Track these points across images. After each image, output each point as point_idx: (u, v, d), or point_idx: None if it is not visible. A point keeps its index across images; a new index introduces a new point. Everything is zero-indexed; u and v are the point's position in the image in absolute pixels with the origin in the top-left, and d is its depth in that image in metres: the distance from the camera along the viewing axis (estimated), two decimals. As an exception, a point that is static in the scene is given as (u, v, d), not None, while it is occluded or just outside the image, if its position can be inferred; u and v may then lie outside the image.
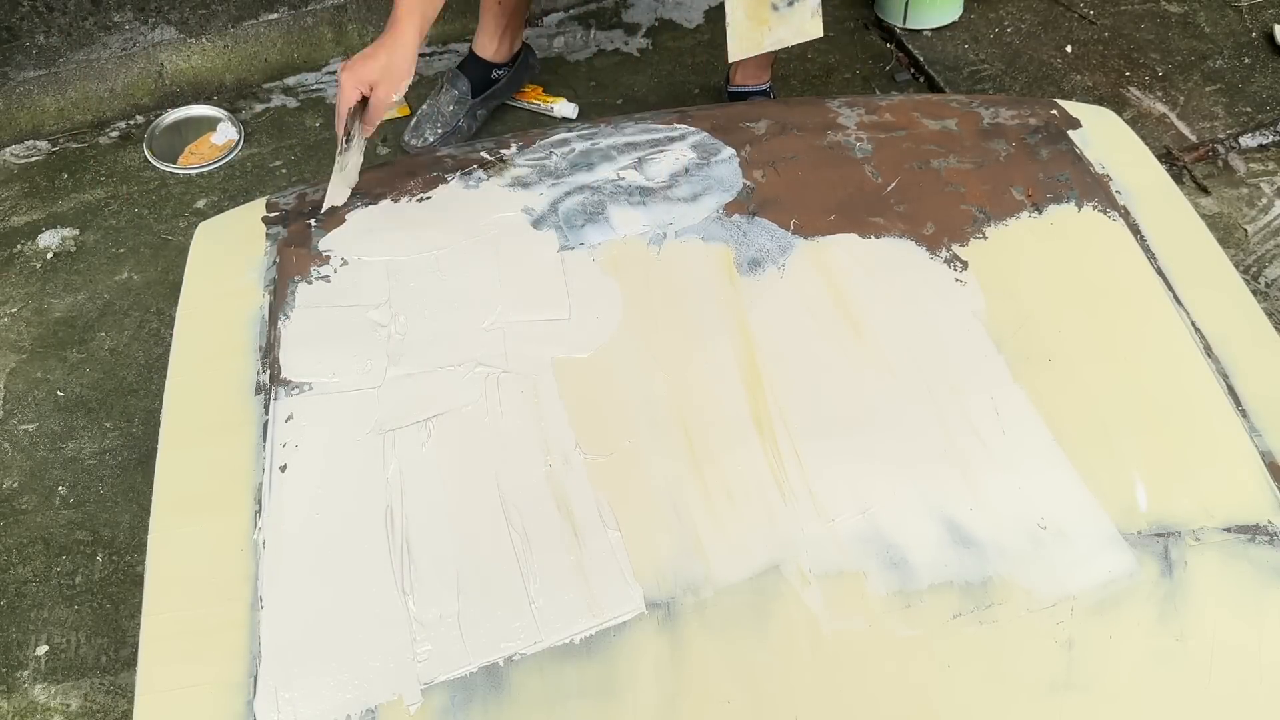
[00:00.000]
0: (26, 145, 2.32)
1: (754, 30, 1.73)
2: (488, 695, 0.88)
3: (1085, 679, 0.88)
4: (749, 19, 1.72)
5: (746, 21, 1.72)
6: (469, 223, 1.23)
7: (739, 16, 1.71)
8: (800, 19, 1.74)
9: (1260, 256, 2.02)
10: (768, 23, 1.73)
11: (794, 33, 1.75)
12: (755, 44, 1.75)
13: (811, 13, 1.74)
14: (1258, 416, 1.04)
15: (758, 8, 1.71)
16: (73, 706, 1.50)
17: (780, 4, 1.73)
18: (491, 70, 2.25)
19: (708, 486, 0.98)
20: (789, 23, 1.74)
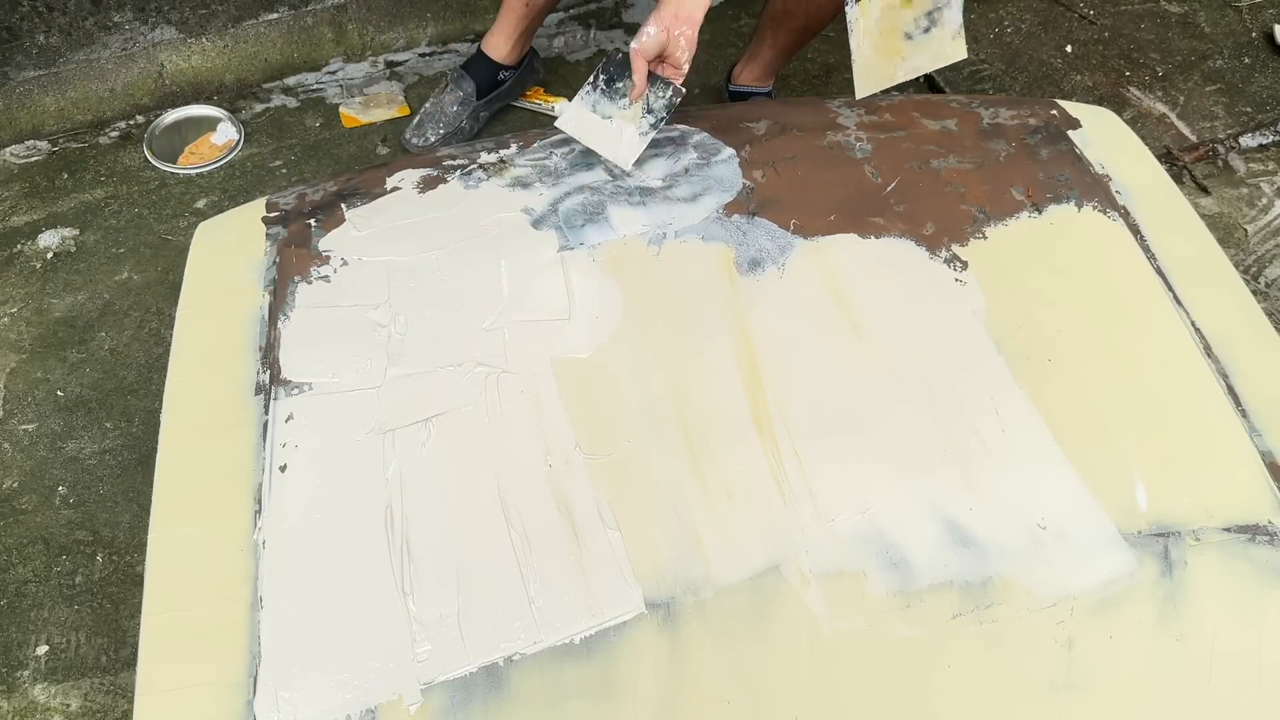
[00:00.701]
0: (26, 145, 2.31)
1: (885, 64, 1.56)
2: (488, 695, 0.88)
3: (1085, 679, 0.88)
4: (878, 53, 1.55)
5: (875, 56, 1.55)
6: (469, 223, 1.23)
7: (866, 52, 1.55)
8: (939, 44, 1.56)
9: (1260, 256, 2.02)
10: (901, 53, 1.56)
11: (932, 59, 1.57)
12: (887, 77, 1.56)
13: (953, 35, 1.56)
14: (1258, 416, 1.04)
15: (889, 39, 1.55)
16: (73, 706, 1.50)
17: (915, 32, 1.55)
18: (499, 72, 2.24)
19: (708, 486, 0.98)
20: (926, 50, 1.56)
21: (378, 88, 2.42)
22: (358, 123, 2.33)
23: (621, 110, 1.31)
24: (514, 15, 2.17)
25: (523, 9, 2.15)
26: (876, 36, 1.54)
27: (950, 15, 1.52)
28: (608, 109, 1.32)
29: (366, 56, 2.49)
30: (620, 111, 1.31)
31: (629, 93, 1.33)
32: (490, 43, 2.22)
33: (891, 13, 1.51)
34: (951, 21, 1.54)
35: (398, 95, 2.39)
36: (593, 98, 1.33)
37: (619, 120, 1.30)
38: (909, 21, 1.52)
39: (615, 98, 1.32)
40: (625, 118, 1.30)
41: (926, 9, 1.51)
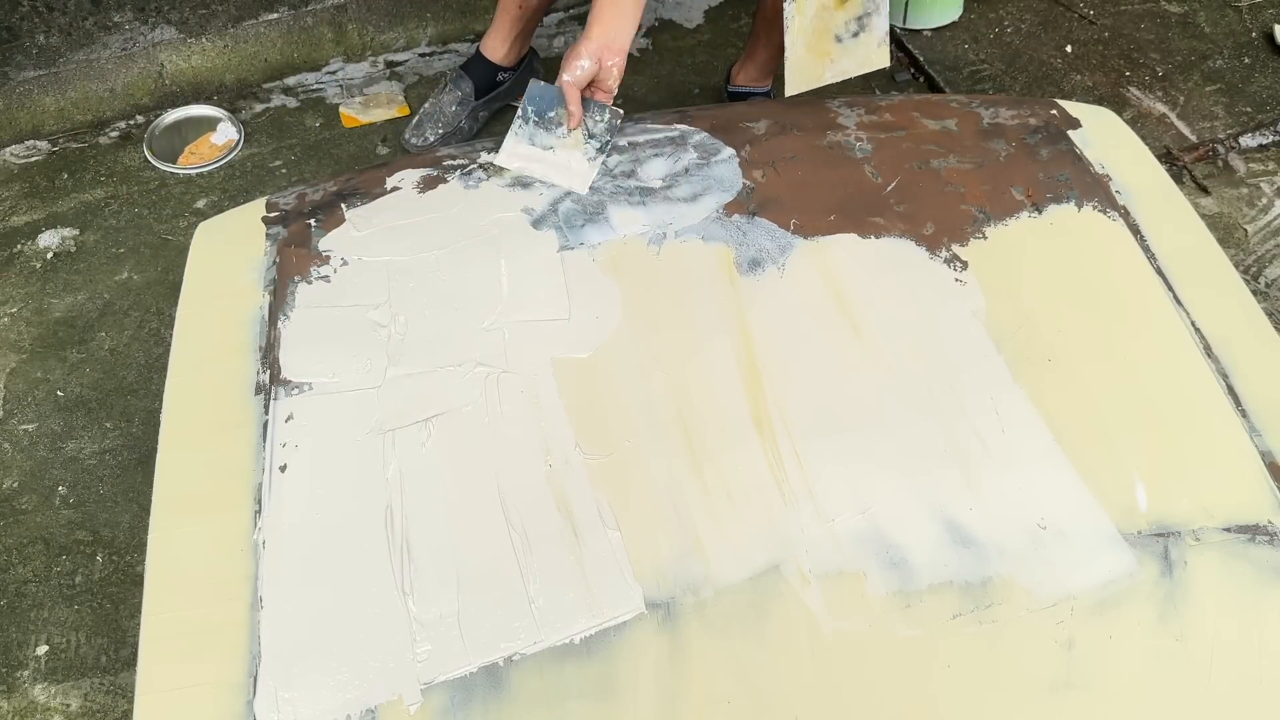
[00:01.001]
0: (26, 145, 2.32)
1: (815, 63, 1.61)
2: (488, 695, 0.88)
3: (1085, 679, 0.88)
4: (809, 52, 1.60)
5: (807, 55, 1.60)
6: (469, 223, 1.23)
7: (799, 51, 1.59)
8: (866, 49, 1.61)
9: (1260, 256, 2.02)
10: (830, 55, 1.61)
11: (858, 64, 1.62)
12: (816, 76, 1.62)
13: (878, 42, 1.61)
14: (1258, 416, 1.04)
15: (821, 40, 1.59)
16: (73, 706, 1.50)
17: (845, 35, 1.60)
18: (497, 73, 2.25)
19: (708, 486, 0.98)
20: (853, 54, 1.61)
21: (378, 88, 2.42)
22: (358, 123, 2.33)
23: (561, 139, 1.30)
24: (508, 18, 2.18)
25: (516, 11, 2.15)
26: (809, 36, 1.57)
27: (877, 22, 1.56)
28: (546, 140, 1.31)
29: (366, 56, 2.49)
30: (560, 140, 1.30)
31: (564, 121, 1.32)
32: (488, 45, 2.22)
33: (825, 13, 1.54)
34: (878, 29, 1.57)
35: (398, 95, 2.40)
36: (527, 130, 1.32)
37: (561, 149, 1.29)
38: (840, 24, 1.56)
39: (551, 128, 1.31)
40: (567, 145, 1.30)
41: (857, 13, 1.55)
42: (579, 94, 1.33)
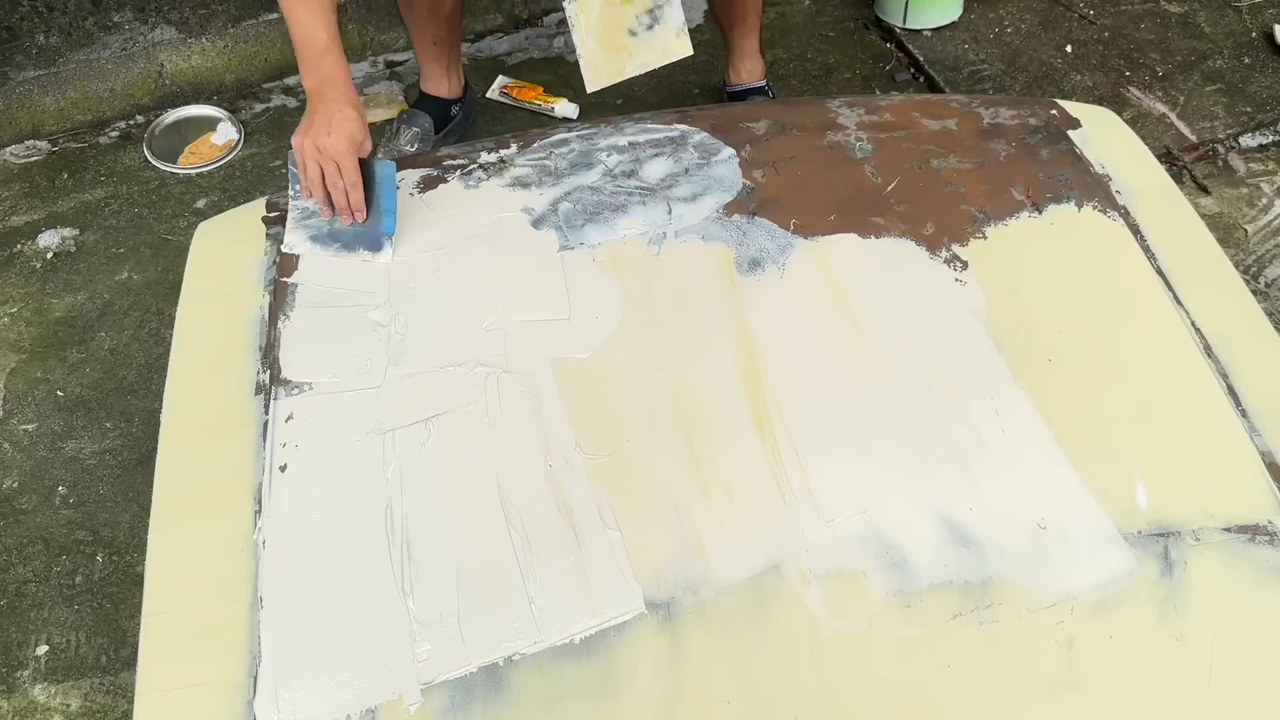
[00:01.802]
0: (26, 145, 2.32)
1: (611, 59, 1.61)
2: (488, 695, 0.88)
3: (1085, 679, 0.88)
4: (603, 49, 1.59)
5: (601, 52, 1.60)
6: (469, 223, 1.23)
7: (591, 48, 1.59)
8: (664, 40, 1.61)
9: (1260, 256, 2.02)
10: (626, 48, 1.60)
11: (659, 55, 1.61)
12: (615, 71, 1.62)
13: (676, 32, 1.60)
14: (1258, 416, 1.04)
15: (613, 36, 1.58)
16: (73, 706, 1.50)
17: (639, 28, 1.59)
18: (450, 107, 2.21)
19: (708, 486, 0.98)
20: (652, 46, 1.61)
21: (378, 88, 2.42)
22: (358, 123, 2.33)
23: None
24: (430, 57, 2.14)
25: (433, 48, 2.11)
26: (600, 33, 1.58)
27: (671, 13, 1.57)
28: (327, 212, 1.24)
29: (366, 56, 2.49)
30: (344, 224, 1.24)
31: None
32: (429, 84, 2.19)
33: (612, 10, 1.55)
34: (673, 19, 1.58)
35: (398, 95, 2.39)
36: (304, 213, 1.24)
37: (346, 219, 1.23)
38: (630, 18, 1.56)
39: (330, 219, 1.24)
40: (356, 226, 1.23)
41: (647, 6, 1.56)
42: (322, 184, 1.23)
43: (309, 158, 1.22)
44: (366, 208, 1.22)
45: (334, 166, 1.22)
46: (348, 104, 1.26)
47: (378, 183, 1.23)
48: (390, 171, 1.23)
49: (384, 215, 1.21)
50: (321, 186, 1.23)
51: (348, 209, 1.22)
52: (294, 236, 1.22)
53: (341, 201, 1.22)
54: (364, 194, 1.23)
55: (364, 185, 1.23)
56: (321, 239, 1.21)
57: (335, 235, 1.21)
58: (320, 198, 1.23)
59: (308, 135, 1.23)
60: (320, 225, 1.22)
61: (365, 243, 1.20)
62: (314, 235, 1.22)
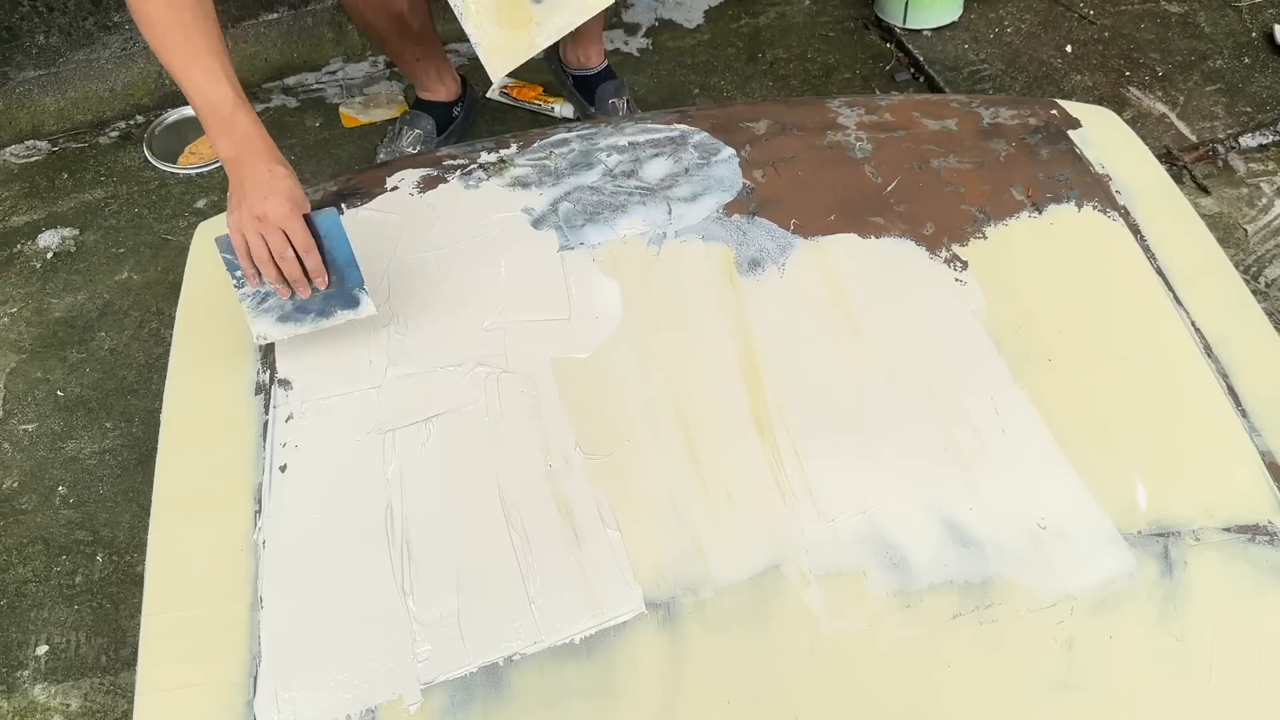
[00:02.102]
0: (26, 145, 2.32)
1: (516, 36, 1.37)
2: (488, 695, 0.88)
3: (1085, 679, 0.88)
4: (504, 27, 1.37)
5: (502, 31, 1.37)
6: (469, 223, 1.23)
7: (490, 30, 1.37)
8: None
9: (1260, 256, 2.02)
10: (532, 18, 1.38)
11: (574, 13, 1.38)
12: (524, 47, 1.38)
13: None
14: (1258, 416, 1.04)
15: (513, 10, 1.37)
16: (73, 706, 1.50)
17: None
18: (451, 109, 2.19)
19: (708, 486, 0.98)
20: (565, 6, 1.37)
21: (378, 88, 2.42)
22: (358, 123, 2.33)
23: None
24: (416, 70, 2.10)
25: (417, 64, 2.08)
26: (497, 11, 1.37)
27: None
28: (285, 290, 1.10)
29: (366, 56, 2.49)
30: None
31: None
32: (426, 91, 2.16)
33: None
34: None
35: (398, 95, 2.39)
36: (257, 297, 1.09)
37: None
38: None
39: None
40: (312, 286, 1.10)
41: None
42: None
43: (249, 232, 1.06)
44: (326, 269, 1.08)
45: (279, 235, 1.05)
46: (274, 161, 1.10)
47: (326, 237, 1.08)
48: (335, 219, 1.08)
49: (346, 269, 1.07)
50: (271, 263, 1.06)
51: (304, 279, 1.07)
52: (260, 325, 1.07)
53: (296, 272, 1.06)
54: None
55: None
56: (291, 317, 1.07)
57: (304, 307, 1.07)
58: (273, 276, 1.06)
59: (240, 209, 1.07)
60: (283, 302, 1.08)
61: (340, 303, 1.08)
62: (281, 316, 1.07)
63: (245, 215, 1.05)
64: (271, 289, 1.05)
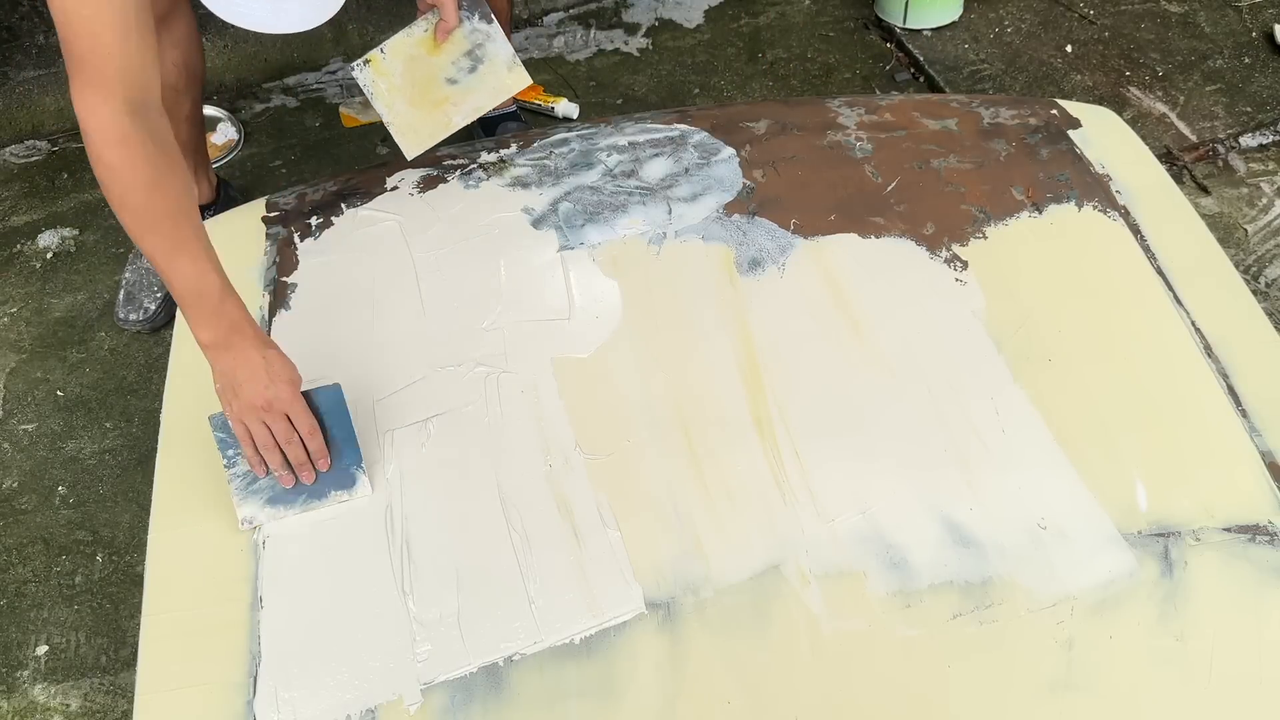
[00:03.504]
0: (26, 145, 2.31)
1: (432, 115, 1.36)
2: (488, 695, 0.88)
3: (1085, 679, 0.88)
4: (418, 106, 1.36)
5: (416, 111, 1.36)
6: (469, 223, 1.23)
7: (402, 110, 1.35)
8: (495, 78, 1.36)
9: (1260, 256, 2.02)
10: (449, 99, 1.37)
11: (491, 94, 1.38)
12: (441, 126, 1.37)
13: (508, 66, 1.37)
14: (1258, 416, 1.04)
15: (427, 90, 1.36)
16: (73, 706, 1.50)
17: (459, 74, 1.36)
18: (202, 213, 2.00)
19: (708, 486, 0.98)
20: (481, 87, 1.37)
21: (378, 88, 2.42)
22: (358, 123, 2.33)
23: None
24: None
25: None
26: (410, 91, 1.37)
27: (495, 48, 1.36)
28: (289, 479, 1.03)
29: (366, 56, 2.49)
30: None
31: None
32: None
33: (418, 65, 1.36)
34: (501, 54, 1.37)
35: (398, 95, 2.39)
36: (246, 479, 1.02)
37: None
38: (446, 66, 1.36)
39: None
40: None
41: (465, 49, 1.36)
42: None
43: (252, 421, 1.00)
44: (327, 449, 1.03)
45: (284, 421, 1.00)
46: (266, 346, 1.03)
47: (326, 415, 1.04)
48: (338, 395, 1.04)
49: (344, 446, 1.02)
50: (276, 449, 1.01)
51: (308, 461, 1.01)
52: (248, 509, 1.01)
53: (301, 456, 1.01)
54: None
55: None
56: (282, 498, 1.02)
57: (296, 489, 1.02)
58: (277, 462, 1.01)
59: (240, 397, 1.01)
60: (274, 484, 1.02)
61: (334, 483, 1.02)
62: (271, 498, 1.02)
63: (245, 405, 1.00)
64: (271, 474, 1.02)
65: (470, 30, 1.34)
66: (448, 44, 1.35)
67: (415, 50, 1.34)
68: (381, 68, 1.35)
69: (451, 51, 1.35)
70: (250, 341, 1.02)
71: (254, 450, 1.01)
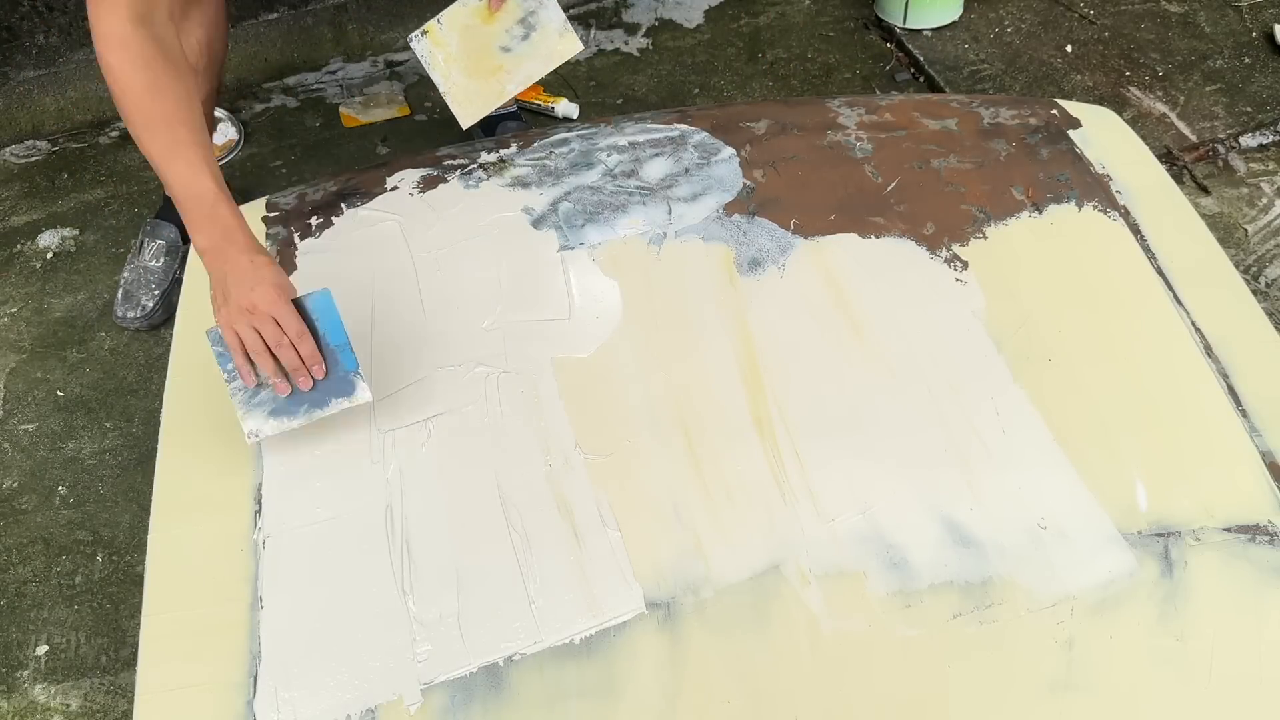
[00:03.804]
0: (26, 145, 2.32)
1: (487, 84, 1.41)
2: (488, 695, 0.88)
3: (1085, 679, 0.88)
4: (474, 76, 1.40)
5: (472, 81, 1.40)
6: (469, 223, 1.23)
7: (459, 80, 1.40)
8: (547, 44, 1.41)
9: (1260, 256, 2.02)
10: (503, 67, 1.41)
11: (543, 62, 1.43)
12: (495, 94, 1.41)
13: (559, 32, 1.40)
14: (1258, 416, 1.04)
15: (483, 59, 1.40)
16: (73, 706, 1.50)
17: (513, 42, 1.40)
18: None
19: (708, 486, 0.98)
20: (534, 54, 1.41)
21: (378, 88, 2.42)
22: (358, 122, 2.33)
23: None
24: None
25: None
26: (465, 61, 1.41)
27: (548, 15, 1.40)
28: (284, 386, 1.04)
29: (366, 56, 2.49)
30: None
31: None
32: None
33: (473, 33, 1.39)
34: (553, 20, 1.40)
35: (398, 95, 2.40)
36: (249, 392, 1.03)
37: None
38: (500, 35, 1.40)
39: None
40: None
41: (518, 16, 1.39)
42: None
43: (241, 325, 1.01)
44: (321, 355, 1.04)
45: (272, 324, 1.01)
46: (255, 252, 1.05)
47: (317, 320, 1.04)
48: (327, 300, 1.04)
49: (339, 352, 1.03)
50: (267, 354, 1.02)
51: (302, 366, 1.02)
52: (252, 422, 1.02)
53: (293, 359, 1.02)
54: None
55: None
56: (284, 410, 1.03)
57: (297, 398, 1.03)
58: (269, 368, 1.02)
59: (228, 304, 1.02)
60: (275, 396, 1.03)
61: (334, 390, 1.03)
62: (274, 410, 1.03)
63: (234, 309, 1.02)
64: (267, 382, 1.02)
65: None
66: (501, 13, 1.37)
67: (470, 20, 1.37)
68: (439, 38, 1.39)
69: (505, 20, 1.38)
70: (240, 247, 1.04)
71: (244, 358, 1.01)
